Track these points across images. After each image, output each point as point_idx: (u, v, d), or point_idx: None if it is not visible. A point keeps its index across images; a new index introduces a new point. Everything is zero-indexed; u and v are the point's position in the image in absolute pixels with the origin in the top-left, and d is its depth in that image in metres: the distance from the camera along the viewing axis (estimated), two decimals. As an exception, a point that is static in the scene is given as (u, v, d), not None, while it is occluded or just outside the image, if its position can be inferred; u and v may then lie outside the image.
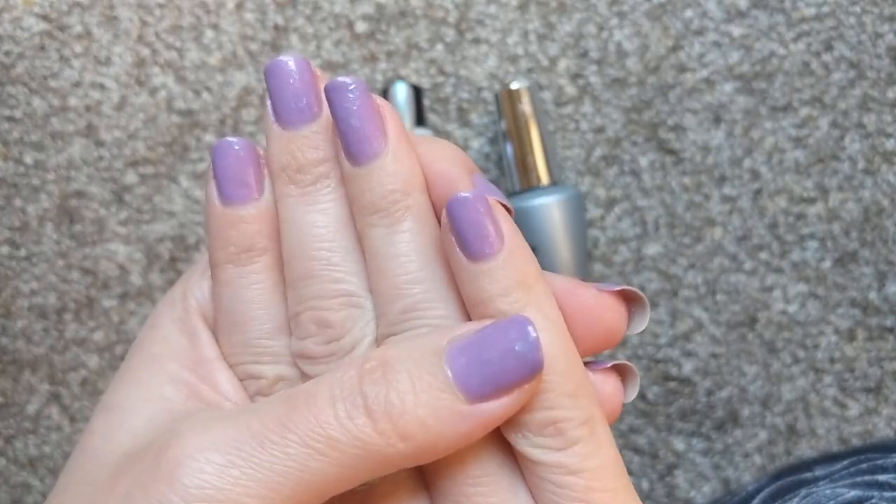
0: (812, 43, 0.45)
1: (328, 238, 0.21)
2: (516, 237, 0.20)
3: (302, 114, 0.21)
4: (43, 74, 0.44)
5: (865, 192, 0.45)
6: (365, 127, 0.20)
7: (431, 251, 0.21)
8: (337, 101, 0.20)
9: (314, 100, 0.21)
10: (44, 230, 0.44)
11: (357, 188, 0.21)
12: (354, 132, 0.20)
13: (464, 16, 0.45)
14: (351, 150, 0.21)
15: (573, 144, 0.45)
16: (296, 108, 0.21)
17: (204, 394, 0.21)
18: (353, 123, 0.20)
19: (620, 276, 0.45)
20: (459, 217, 0.19)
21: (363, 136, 0.20)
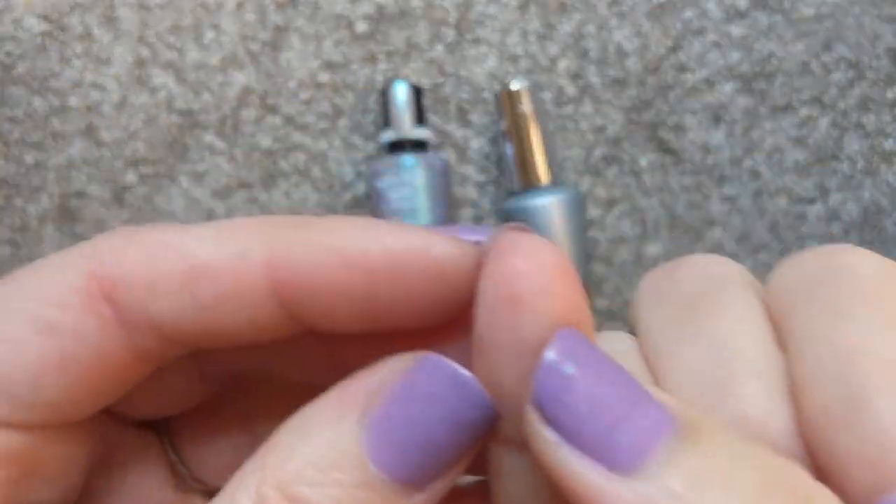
0: (811, 43, 0.45)
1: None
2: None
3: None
4: (44, 75, 0.44)
5: (865, 192, 0.45)
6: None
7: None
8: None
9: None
10: (44, 230, 0.44)
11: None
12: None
13: (464, 16, 0.45)
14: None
15: (573, 144, 0.45)
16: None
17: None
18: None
19: (620, 276, 0.45)
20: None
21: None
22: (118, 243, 0.16)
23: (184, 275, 0.15)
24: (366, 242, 0.15)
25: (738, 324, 0.17)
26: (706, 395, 0.16)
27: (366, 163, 0.44)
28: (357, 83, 0.45)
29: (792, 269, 0.18)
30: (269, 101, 0.44)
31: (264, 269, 0.15)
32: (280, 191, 0.44)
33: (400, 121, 0.43)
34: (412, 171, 0.42)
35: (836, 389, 0.15)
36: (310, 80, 0.44)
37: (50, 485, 0.17)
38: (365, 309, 0.15)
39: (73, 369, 0.15)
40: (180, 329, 0.16)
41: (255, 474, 0.14)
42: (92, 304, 0.15)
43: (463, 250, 0.15)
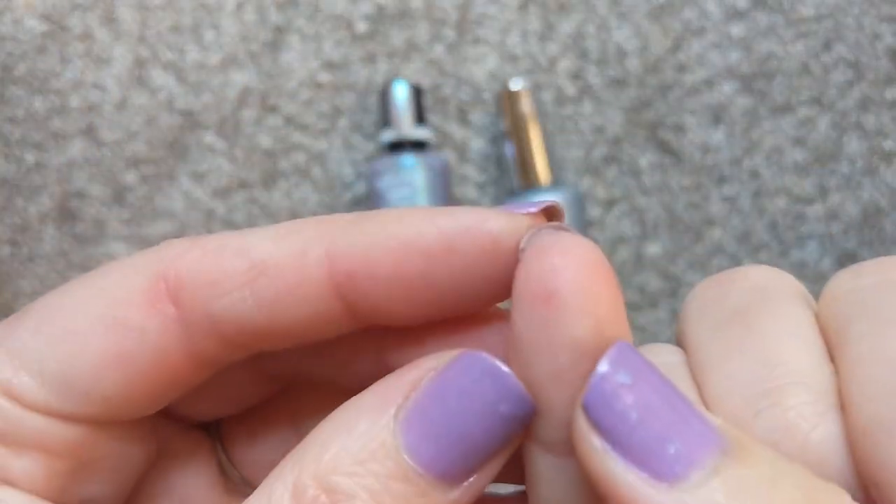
0: (811, 43, 0.45)
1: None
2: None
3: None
4: (44, 75, 0.44)
5: (864, 192, 0.45)
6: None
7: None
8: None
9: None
10: (45, 230, 0.44)
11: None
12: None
13: (464, 16, 0.45)
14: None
15: (573, 144, 0.45)
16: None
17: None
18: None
19: (621, 275, 0.45)
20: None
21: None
22: (183, 246, 0.17)
23: (245, 273, 0.16)
24: (420, 225, 0.15)
25: (786, 335, 0.17)
26: (752, 404, 0.16)
27: (366, 163, 0.45)
28: (357, 83, 0.45)
29: (846, 281, 0.18)
30: (269, 101, 0.44)
31: (323, 261, 0.15)
32: (280, 191, 0.44)
33: (400, 121, 0.43)
34: (412, 171, 0.42)
35: (888, 402, 0.15)
36: (310, 80, 0.45)
37: (103, 480, 0.17)
38: (422, 293, 0.15)
39: (132, 366, 0.16)
40: (241, 328, 0.16)
41: (294, 466, 0.15)
42: (157, 304, 0.16)
43: (516, 222, 0.15)
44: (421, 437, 0.14)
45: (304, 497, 0.14)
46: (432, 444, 0.14)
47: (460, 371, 0.15)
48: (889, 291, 0.16)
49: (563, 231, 0.15)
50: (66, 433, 0.16)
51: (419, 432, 0.14)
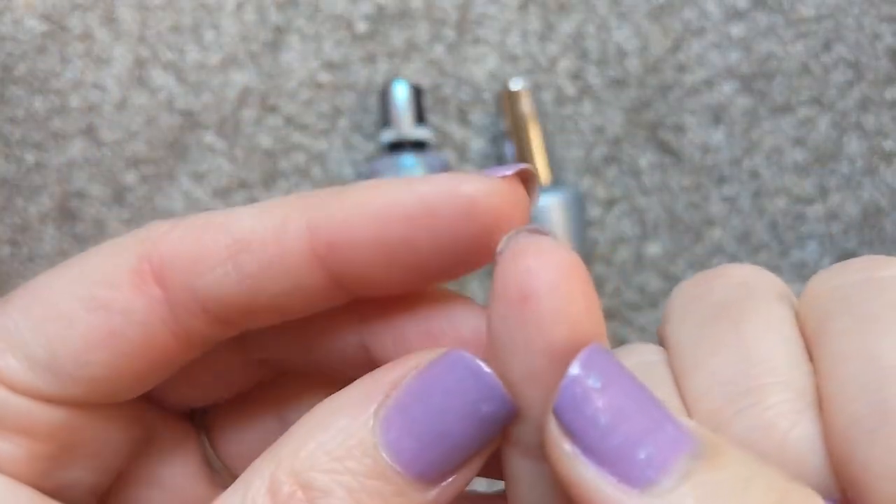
0: (811, 44, 0.45)
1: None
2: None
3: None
4: (44, 75, 0.44)
5: (864, 192, 0.45)
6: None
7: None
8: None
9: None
10: (45, 230, 0.44)
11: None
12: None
13: (464, 16, 0.45)
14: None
15: (573, 144, 0.45)
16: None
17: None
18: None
19: (620, 275, 0.45)
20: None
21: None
22: (167, 226, 0.17)
23: (228, 248, 0.16)
24: (398, 192, 0.15)
25: (765, 334, 0.17)
26: (731, 403, 0.16)
27: (366, 163, 0.45)
28: (357, 83, 0.45)
29: (827, 280, 0.18)
30: (269, 101, 0.44)
31: (304, 233, 0.16)
32: (280, 191, 0.44)
33: (400, 121, 0.43)
34: (412, 171, 0.42)
35: (867, 401, 0.15)
36: (310, 80, 0.45)
37: (85, 466, 0.17)
38: (404, 258, 0.16)
39: (119, 347, 0.16)
40: (226, 304, 0.16)
41: (271, 461, 0.14)
42: (142, 285, 0.16)
43: (491, 184, 0.15)
44: (401, 435, 0.14)
45: (280, 493, 0.14)
46: (412, 443, 0.14)
47: (443, 370, 0.15)
48: (868, 289, 0.16)
49: (539, 234, 0.15)
50: (51, 416, 0.16)
51: (399, 431, 0.14)
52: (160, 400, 0.19)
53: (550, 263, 0.14)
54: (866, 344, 0.15)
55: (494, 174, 0.16)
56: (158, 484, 0.19)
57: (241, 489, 0.14)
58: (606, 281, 0.45)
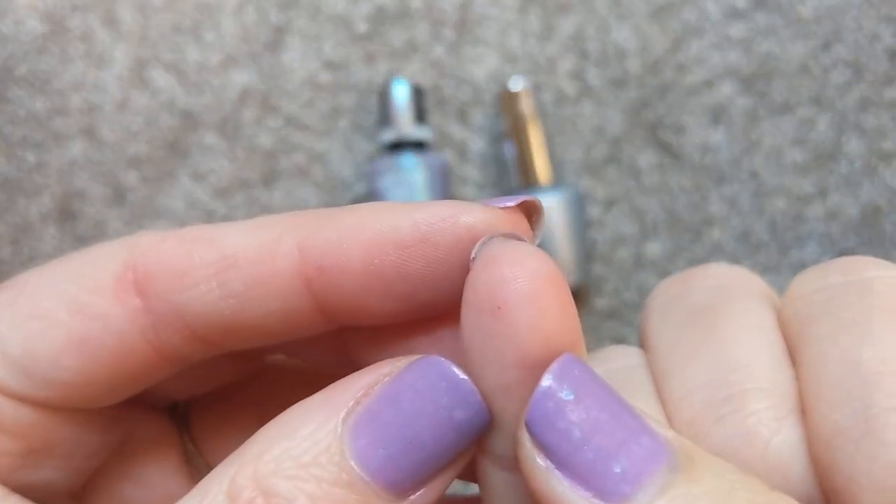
0: (811, 44, 0.45)
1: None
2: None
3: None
4: (45, 75, 0.44)
5: (863, 192, 0.45)
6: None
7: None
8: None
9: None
10: (46, 230, 0.44)
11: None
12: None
13: (464, 16, 0.45)
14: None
15: (573, 144, 0.45)
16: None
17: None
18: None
19: (620, 275, 0.45)
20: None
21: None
22: (158, 237, 0.16)
23: (214, 264, 0.15)
24: (394, 218, 0.15)
25: (746, 337, 0.17)
26: (712, 410, 0.16)
27: (366, 163, 0.45)
28: (357, 83, 0.45)
29: (810, 281, 0.17)
30: (269, 101, 0.44)
31: (294, 254, 0.15)
32: (281, 191, 0.44)
33: (400, 121, 0.43)
34: (412, 171, 0.42)
35: (851, 409, 0.14)
36: (310, 80, 0.45)
37: (56, 466, 0.17)
38: (396, 287, 0.15)
39: (94, 354, 0.16)
40: (207, 321, 0.15)
41: (233, 464, 0.14)
42: (123, 293, 0.16)
43: (492, 215, 0.15)
44: (370, 443, 0.13)
45: (240, 498, 0.13)
46: (381, 451, 0.13)
47: (416, 375, 0.14)
48: (850, 292, 0.16)
49: (514, 240, 0.14)
50: (23, 415, 0.16)
51: (368, 437, 0.13)
52: (138, 396, 0.18)
53: (524, 272, 0.13)
54: (849, 349, 0.15)
55: (497, 204, 0.15)
56: (138, 480, 0.19)
57: (198, 495, 0.14)
58: (606, 281, 0.45)
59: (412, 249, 0.15)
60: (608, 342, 0.46)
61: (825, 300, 0.16)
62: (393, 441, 0.13)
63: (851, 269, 0.17)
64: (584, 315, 0.45)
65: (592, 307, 0.45)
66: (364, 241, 0.15)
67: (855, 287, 0.16)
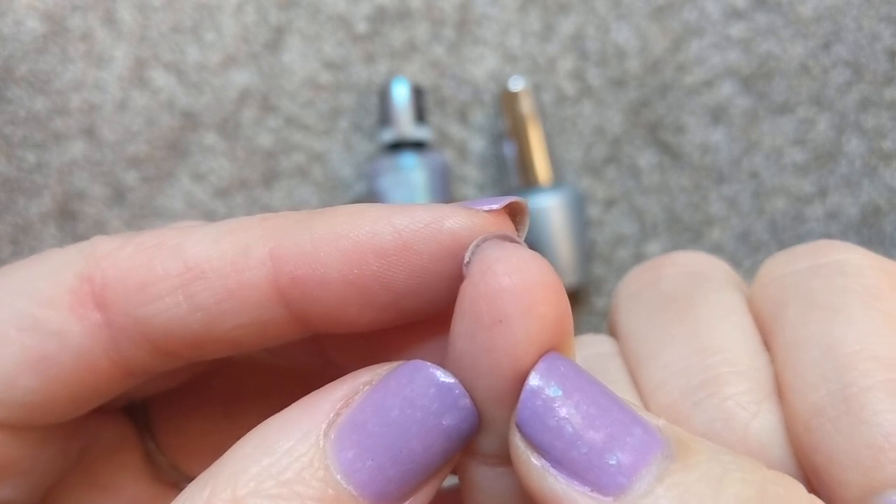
0: (810, 44, 0.45)
1: None
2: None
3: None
4: (45, 75, 0.44)
5: (863, 192, 0.45)
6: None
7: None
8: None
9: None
10: (46, 230, 0.44)
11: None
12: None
13: (464, 16, 0.45)
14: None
15: (573, 144, 0.45)
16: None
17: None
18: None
19: (620, 275, 0.45)
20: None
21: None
22: (116, 243, 0.15)
23: (179, 276, 0.14)
24: (374, 224, 0.14)
25: (720, 322, 0.17)
26: (689, 395, 0.16)
27: (366, 163, 0.45)
28: (357, 83, 0.45)
29: (780, 265, 0.17)
30: (269, 101, 0.44)
31: (266, 263, 0.14)
32: (281, 191, 0.44)
33: (400, 120, 0.43)
34: (412, 171, 0.42)
35: (828, 389, 0.14)
36: (310, 80, 0.45)
37: (16, 484, 0.16)
38: (378, 296, 0.14)
39: (51, 372, 0.15)
40: (173, 336, 0.15)
41: (207, 485, 0.13)
42: (79, 307, 0.15)
43: (476, 219, 0.14)
44: (356, 455, 0.13)
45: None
46: (369, 463, 0.13)
47: (401, 382, 0.13)
48: (820, 276, 0.16)
49: (509, 244, 0.14)
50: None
51: (353, 449, 0.13)
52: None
53: (526, 284, 0.13)
54: (822, 331, 0.15)
55: (481, 207, 0.14)
56: (100, 485, 0.18)
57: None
58: (606, 281, 0.45)
59: (393, 258, 0.14)
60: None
61: (796, 283, 0.16)
62: (380, 452, 0.13)
63: (820, 252, 0.17)
64: (584, 315, 0.45)
65: (592, 307, 0.45)
66: (342, 249, 0.14)
67: (825, 269, 0.16)
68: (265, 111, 0.45)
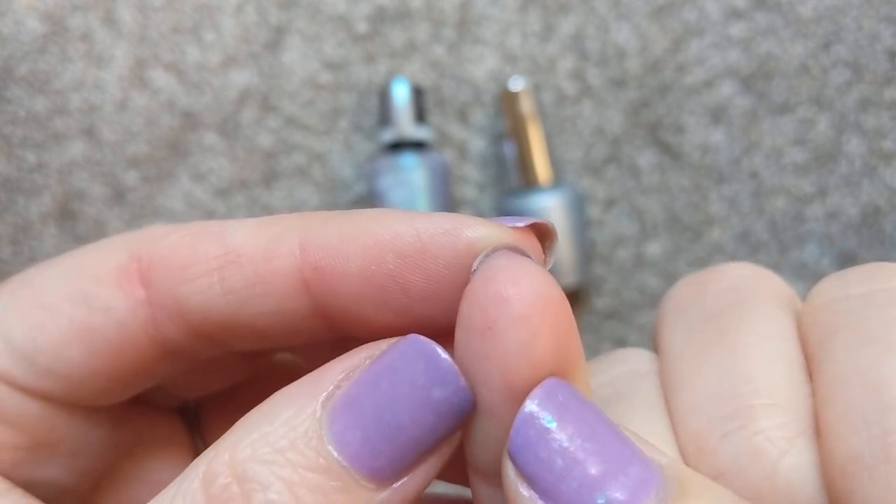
0: (810, 44, 0.45)
1: None
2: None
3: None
4: (45, 75, 0.44)
5: (863, 192, 0.45)
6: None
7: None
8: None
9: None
10: (46, 230, 0.44)
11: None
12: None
13: (464, 16, 0.45)
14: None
15: (573, 144, 0.45)
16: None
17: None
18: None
19: (620, 275, 0.45)
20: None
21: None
22: (165, 230, 0.16)
23: (217, 258, 0.15)
24: (396, 225, 0.14)
25: (760, 346, 0.16)
26: (719, 426, 0.15)
27: (366, 163, 0.45)
28: (357, 83, 0.45)
29: (832, 289, 0.16)
30: (269, 101, 0.44)
31: (295, 253, 0.15)
32: (281, 191, 0.44)
33: (400, 120, 0.43)
34: (412, 171, 0.42)
35: (869, 434, 0.13)
36: (310, 80, 0.45)
37: (61, 464, 0.17)
38: (393, 295, 0.14)
39: (95, 345, 0.16)
40: (207, 316, 0.15)
41: (213, 449, 0.13)
42: (126, 284, 0.16)
43: (496, 232, 0.14)
44: (348, 426, 0.13)
45: (214, 485, 0.13)
46: (358, 434, 0.13)
47: (395, 355, 0.13)
48: (875, 304, 0.15)
49: (518, 256, 0.14)
50: (27, 407, 0.16)
51: (346, 421, 0.13)
52: (148, 397, 0.18)
53: (520, 292, 0.13)
54: (870, 368, 0.14)
55: (506, 223, 0.14)
56: (148, 482, 0.19)
57: (177, 482, 0.13)
58: (606, 281, 0.45)
59: (411, 259, 0.14)
60: (608, 342, 0.46)
61: (847, 311, 0.15)
62: (370, 423, 0.13)
63: (876, 277, 0.15)
64: (584, 315, 0.45)
65: (592, 307, 0.45)
66: (363, 245, 0.14)
67: (879, 298, 0.15)
68: (265, 111, 0.45)
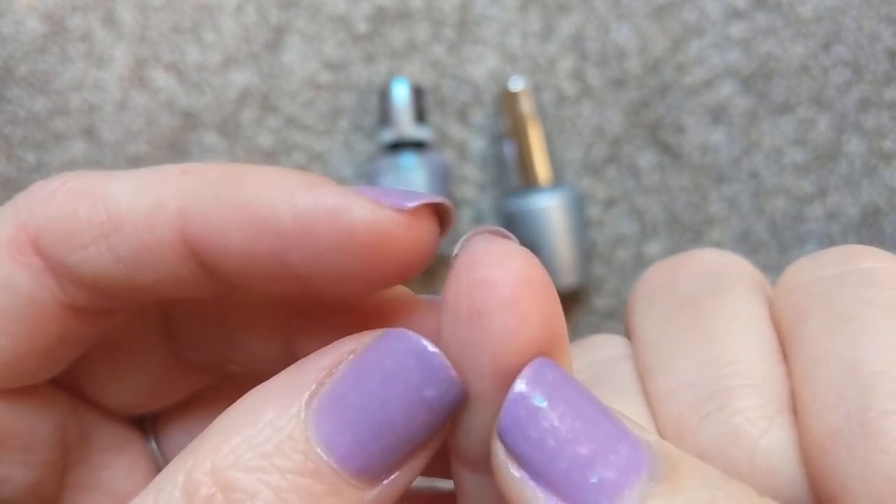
0: (810, 44, 0.45)
1: None
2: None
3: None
4: (45, 75, 0.44)
5: (863, 192, 0.45)
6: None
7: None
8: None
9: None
10: (45, 230, 0.44)
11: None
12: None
13: (464, 16, 0.45)
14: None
15: (573, 144, 0.45)
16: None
17: None
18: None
19: (620, 275, 0.45)
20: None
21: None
22: (48, 190, 0.15)
23: (100, 225, 0.14)
24: (276, 201, 0.13)
25: (735, 330, 0.16)
26: (698, 408, 0.15)
27: (366, 163, 0.45)
28: (357, 83, 0.45)
29: (804, 271, 0.16)
30: (269, 101, 0.45)
31: (177, 222, 0.14)
32: (281, 191, 0.44)
33: (400, 120, 0.43)
34: (412, 171, 0.42)
35: (846, 411, 0.13)
36: (310, 80, 0.45)
37: (14, 462, 0.16)
38: (278, 271, 0.14)
39: (9, 326, 0.15)
40: (101, 282, 0.15)
41: (189, 458, 0.13)
42: (21, 255, 0.15)
43: (382, 216, 0.13)
44: (336, 427, 0.12)
45: (197, 495, 0.12)
46: (349, 436, 0.12)
47: (383, 352, 0.13)
48: (847, 285, 0.15)
49: (498, 238, 0.13)
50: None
51: (334, 422, 0.12)
52: (99, 403, 0.18)
53: (507, 276, 0.12)
54: (845, 347, 0.14)
55: (397, 201, 0.13)
56: (106, 491, 0.18)
57: (152, 492, 0.13)
58: (606, 281, 0.45)
59: (291, 239, 0.13)
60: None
61: (820, 292, 0.15)
62: (361, 425, 0.12)
63: (848, 258, 0.16)
64: (584, 315, 0.45)
65: (592, 307, 0.45)
66: (242, 223, 0.13)
67: (852, 279, 0.15)
68: (265, 111, 0.45)
